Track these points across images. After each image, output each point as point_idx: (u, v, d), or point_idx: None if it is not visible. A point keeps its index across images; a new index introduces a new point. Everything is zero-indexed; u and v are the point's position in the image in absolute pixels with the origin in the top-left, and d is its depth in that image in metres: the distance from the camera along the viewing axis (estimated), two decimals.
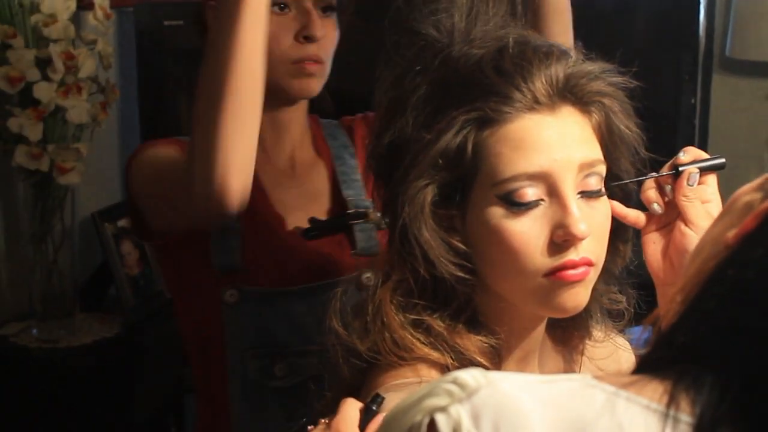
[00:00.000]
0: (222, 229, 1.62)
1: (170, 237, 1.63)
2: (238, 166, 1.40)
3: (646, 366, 0.81)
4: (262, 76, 1.43)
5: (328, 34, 1.66)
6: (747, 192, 0.85)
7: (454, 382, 0.78)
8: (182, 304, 1.73)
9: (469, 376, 0.78)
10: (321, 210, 1.70)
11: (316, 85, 1.67)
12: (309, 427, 1.09)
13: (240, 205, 1.44)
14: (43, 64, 2.52)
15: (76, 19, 2.62)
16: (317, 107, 1.78)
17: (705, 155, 1.28)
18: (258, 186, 1.65)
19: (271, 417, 1.64)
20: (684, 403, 0.76)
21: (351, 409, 1.03)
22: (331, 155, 1.75)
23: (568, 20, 1.60)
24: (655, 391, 0.77)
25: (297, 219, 1.68)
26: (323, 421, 1.06)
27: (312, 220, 1.67)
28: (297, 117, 1.73)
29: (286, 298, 1.24)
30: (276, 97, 1.62)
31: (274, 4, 1.61)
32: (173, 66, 3.13)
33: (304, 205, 1.70)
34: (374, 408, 1.03)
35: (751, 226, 0.80)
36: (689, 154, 1.27)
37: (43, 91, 2.51)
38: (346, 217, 1.68)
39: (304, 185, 1.72)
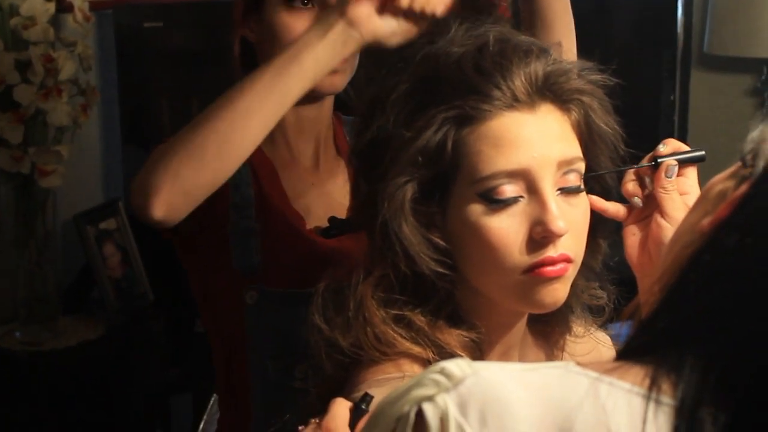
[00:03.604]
0: (241, 229, 1.62)
1: (187, 234, 1.61)
2: (175, 198, 1.37)
3: (628, 352, 0.83)
4: (254, 147, 1.40)
5: None
6: (721, 180, 0.87)
7: (441, 372, 0.80)
8: (205, 304, 1.72)
9: (455, 365, 0.80)
10: (341, 207, 1.69)
11: (340, 81, 1.64)
12: (300, 428, 1.09)
13: (159, 222, 1.40)
14: (23, 66, 2.51)
15: (55, 21, 2.62)
16: (340, 103, 1.75)
17: (685, 147, 1.28)
18: (278, 186, 1.66)
19: None
20: (666, 386, 0.77)
21: (341, 408, 1.03)
22: None
23: (569, 20, 1.58)
24: (637, 375, 0.79)
25: (318, 218, 1.67)
26: (313, 420, 1.07)
27: (331, 219, 1.66)
28: (322, 114, 1.71)
29: (307, 299, 1.24)
30: None
31: None
32: (153, 67, 3.14)
33: (325, 203, 1.69)
34: (363, 407, 1.03)
35: (726, 213, 0.82)
36: (669, 146, 1.28)
37: (23, 94, 2.50)
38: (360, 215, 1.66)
39: (325, 183, 1.71)
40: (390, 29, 1.37)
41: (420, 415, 0.79)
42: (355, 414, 1.03)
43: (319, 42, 1.37)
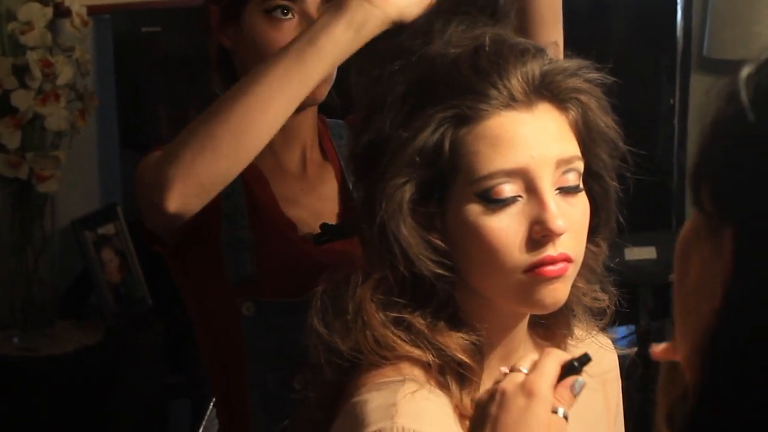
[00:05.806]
0: (234, 241, 1.59)
1: (178, 247, 1.59)
2: (190, 190, 1.35)
3: None
4: (270, 136, 1.38)
5: None
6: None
7: None
8: (199, 316, 1.68)
9: None
10: (332, 213, 1.67)
11: (320, 92, 1.61)
12: (503, 370, 1.02)
13: (173, 216, 1.38)
14: (21, 71, 2.51)
15: (53, 26, 2.61)
16: (324, 106, 1.72)
17: None
18: (269, 194, 1.64)
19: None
20: None
21: (551, 363, 0.99)
22: (338, 156, 1.72)
23: (558, 13, 1.55)
24: None
25: (308, 224, 1.64)
26: (520, 369, 1.02)
27: (323, 226, 1.64)
28: (307, 120, 1.68)
29: (303, 308, 1.22)
30: None
31: (276, 8, 1.58)
32: (151, 72, 3.13)
33: (315, 209, 1.66)
34: (576, 364, 0.98)
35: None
36: None
37: (21, 99, 2.50)
38: (357, 219, 1.65)
39: (315, 189, 1.68)
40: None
41: None
42: (567, 372, 0.99)
43: (337, 23, 1.32)
